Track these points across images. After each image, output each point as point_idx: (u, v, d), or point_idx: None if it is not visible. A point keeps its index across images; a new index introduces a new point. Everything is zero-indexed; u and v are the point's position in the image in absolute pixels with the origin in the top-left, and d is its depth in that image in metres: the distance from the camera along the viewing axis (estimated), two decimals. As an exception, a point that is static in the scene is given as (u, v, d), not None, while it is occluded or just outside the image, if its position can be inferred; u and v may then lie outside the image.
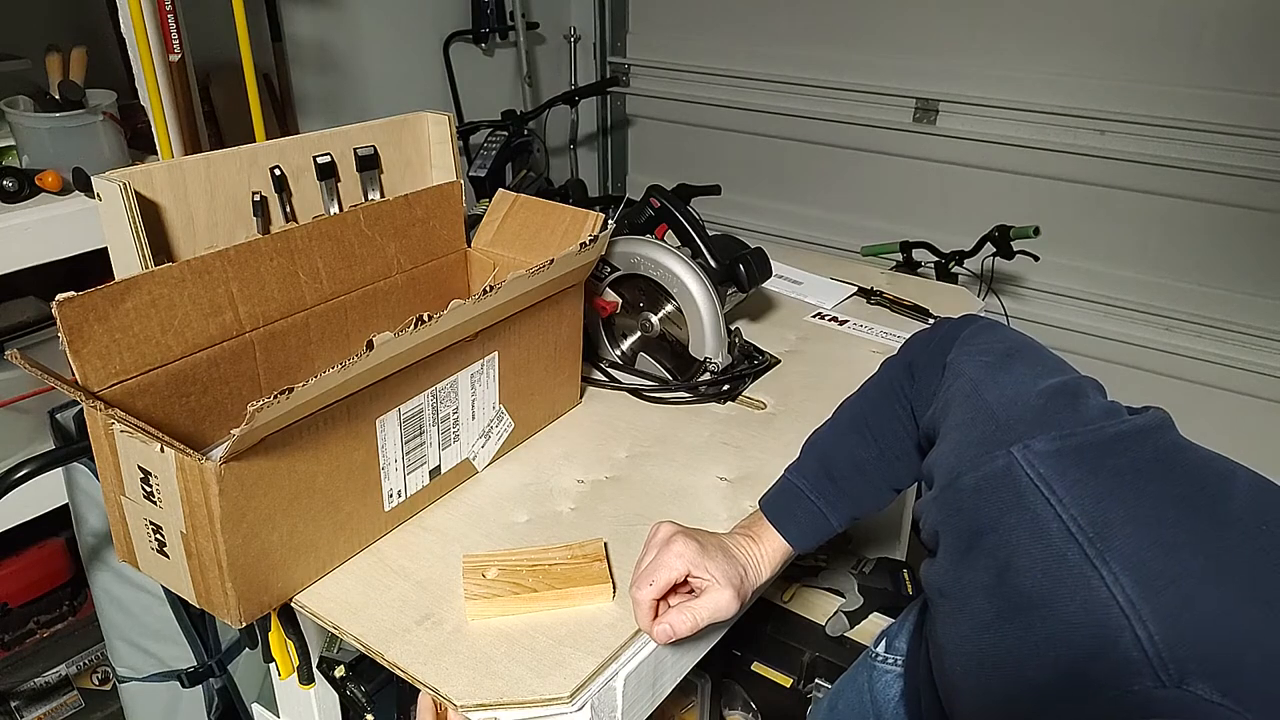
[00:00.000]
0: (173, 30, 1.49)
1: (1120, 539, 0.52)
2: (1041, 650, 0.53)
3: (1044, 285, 2.52)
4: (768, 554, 0.83)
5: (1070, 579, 0.52)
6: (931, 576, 0.64)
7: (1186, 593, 0.50)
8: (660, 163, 3.22)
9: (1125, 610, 0.49)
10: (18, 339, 1.47)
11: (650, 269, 1.17)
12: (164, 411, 0.83)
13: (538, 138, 2.71)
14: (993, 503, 0.58)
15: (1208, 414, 2.34)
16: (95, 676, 1.78)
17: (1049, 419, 0.60)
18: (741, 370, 1.21)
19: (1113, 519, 0.53)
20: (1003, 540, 0.56)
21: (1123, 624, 0.49)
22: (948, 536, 0.62)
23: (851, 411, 0.88)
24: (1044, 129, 2.41)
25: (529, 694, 0.73)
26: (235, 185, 0.97)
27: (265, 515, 0.75)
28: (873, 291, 1.50)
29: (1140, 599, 0.50)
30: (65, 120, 1.38)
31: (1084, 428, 0.58)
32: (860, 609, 1.22)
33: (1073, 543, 0.52)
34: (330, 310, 0.98)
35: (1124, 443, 0.57)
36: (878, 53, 2.60)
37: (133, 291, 0.78)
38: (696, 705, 1.33)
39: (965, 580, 0.59)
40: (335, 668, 1.03)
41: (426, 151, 1.15)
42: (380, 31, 2.51)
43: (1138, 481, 0.55)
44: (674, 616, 0.76)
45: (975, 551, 0.58)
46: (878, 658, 1.00)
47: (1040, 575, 0.53)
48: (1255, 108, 2.13)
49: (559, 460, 1.05)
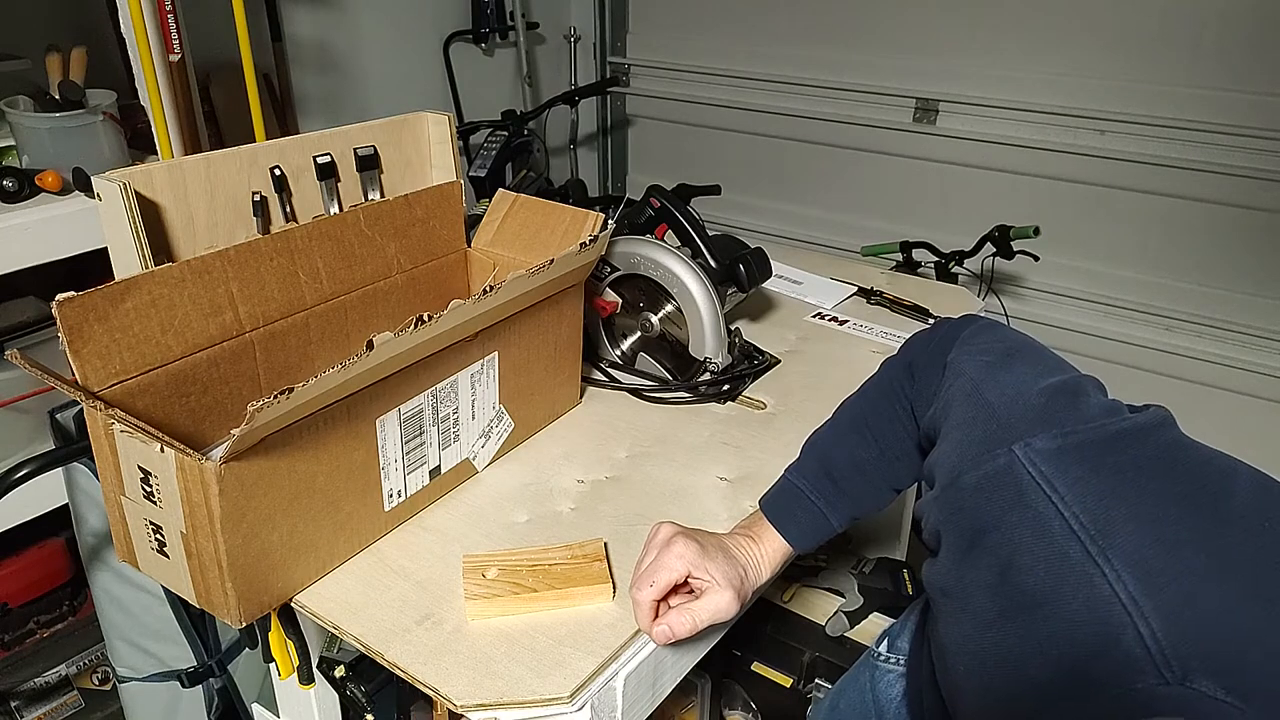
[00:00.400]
0: (173, 30, 1.49)
1: (1122, 537, 0.52)
2: (1044, 648, 0.53)
3: (1044, 285, 2.52)
4: (768, 554, 0.83)
5: (1073, 577, 0.52)
6: (933, 576, 0.64)
7: (1189, 590, 0.50)
8: (660, 163, 3.22)
9: (1128, 608, 0.49)
10: (18, 339, 1.47)
11: (650, 269, 1.17)
12: (164, 411, 0.83)
13: (538, 138, 2.71)
14: (994, 501, 0.58)
15: (1208, 414, 2.34)
16: (95, 676, 1.78)
17: (1050, 417, 0.60)
18: (741, 370, 1.21)
19: (1115, 517, 0.53)
20: (1005, 539, 0.56)
21: (1125, 621, 0.49)
22: (949, 536, 0.62)
23: (852, 412, 0.88)
24: (1044, 129, 2.41)
25: (529, 694, 0.73)
26: (235, 185, 0.97)
27: (265, 515, 0.75)
28: (873, 291, 1.50)
29: (1142, 596, 0.50)
30: (65, 120, 1.38)
31: (1085, 425, 0.58)
32: (860, 609, 1.22)
33: (1075, 541, 0.52)
34: (330, 310, 0.98)
35: (1125, 440, 0.57)
36: (878, 53, 2.60)
37: (133, 291, 0.78)
38: (696, 705, 1.33)
39: (967, 579, 0.59)
40: (335, 668, 1.03)
41: (426, 151, 1.15)
42: (380, 31, 2.51)
43: (1139, 479, 0.55)
44: (673, 618, 0.76)
45: (977, 550, 0.58)
46: (880, 657, 1.00)
47: (1043, 574, 0.53)
48: (1255, 108, 2.13)
49: (559, 460, 1.05)
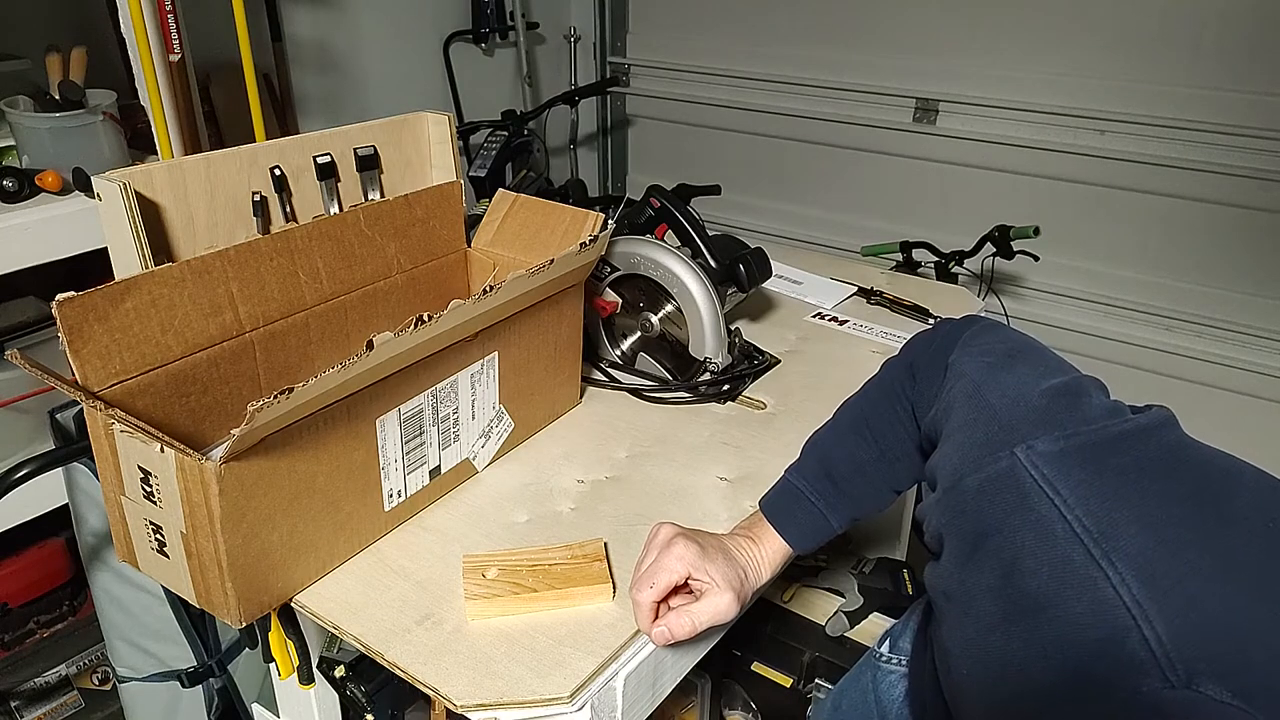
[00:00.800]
0: (173, 30, 1.49)
1: (1126, 539, 0.52)
2: (1048, 652, 0.53)
3: (1044, 285, 2.52)
4: (768, 555, 0.83)
5: (1076, 580, 0.52)
6: (936, 580, 0.64)
7: (1193, 592, 0.50)
8: (660, 163, 3.22)
9: (1132, 611, 0.49)
10: (18, 339, 1.47)
11: (650, 269, 1.17)
12: (164, 411, 0.83)
13: (538, 138, 2.71)
14: (997, 505, 0.57)
15: (1208, 414, 2.34)
16: (95, 676, 1.77)
17: (1052, 419, 0.60)
18: (741, 370, 1.21)
19: (1118, 519, 0.53)
20: (1007, 542, 0.56)
21: (1130, 624, 0.49)
22: (952, 539, 0.62)
23: (852, 413, 0.88)
24: (1044, 129, 2.41)
25: (529, 694, 0.73)
26: (235, 185, 0.97)
27: (265, 515, 0.75)
28: (873, 291, 1.50)
29: (1147, 599, 0.49)
30: (65, 120, 1.38)
31: (1087, 427, 0.58)
32: (860, 609, 1.22)
33: (1078, 544, 0.52)
34: (330, 310, 0.98)
35: (1128, 441, 0.57)
36: (878, 53, 2.60)
37: (133, 291, 0.78)
38: (696, 705, 1.32)
39: (970, 583, 0.59)
40: (335, 668, 1.03)
41: (426, 151, 1.15)
42: (380, 31, 2.51)
43: (1142, 480, 0.54)
44: (673, 620, 0.76)
45: (980, 554, 0.58)
46: (882, 657, 1.00)
47: (1046, 577, 0.53)
48: (1255, 108, 2.13)
49: (559, 460, 1.05)
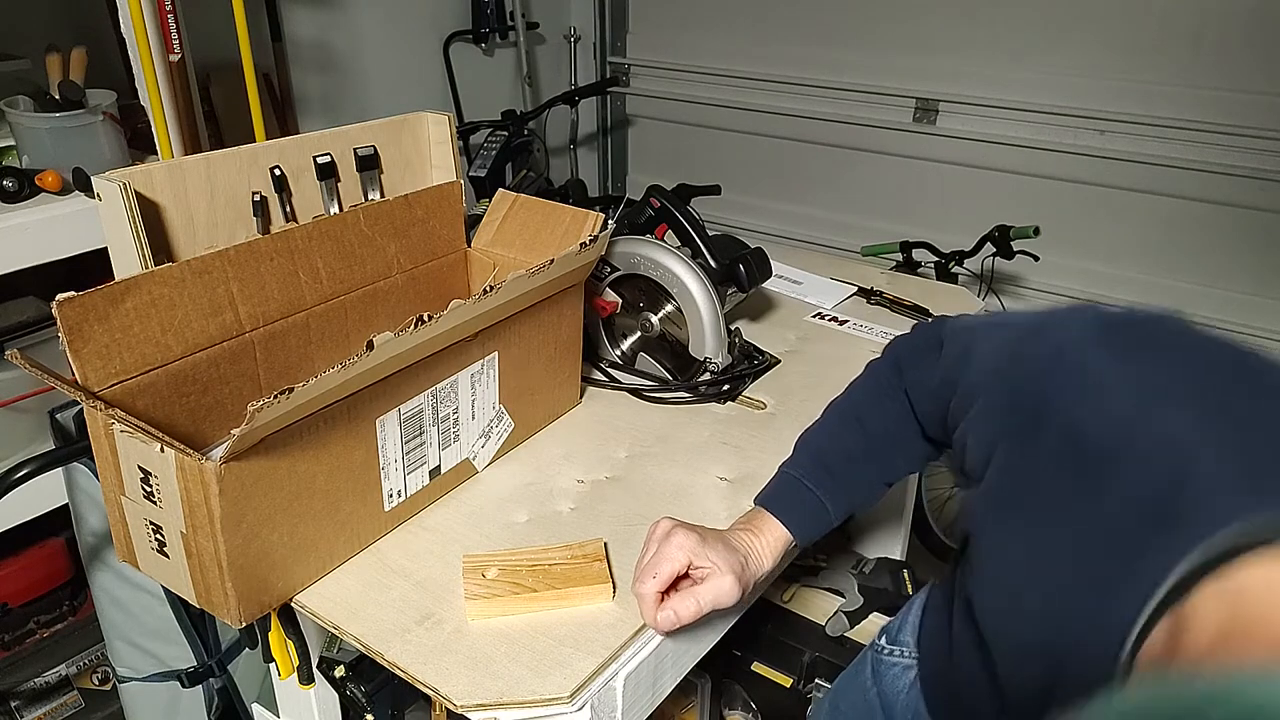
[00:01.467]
0: (173, 30, 1.49)
1: (1179, 384, 0.55)
2: (1125, 493, 0.54)
3: (1044, 285, 2.52)
4: (768, 544, 0.83)
5: (1139, 428, 0.55)
6: (990, 488, 0.65)
7: (1244, 415, 0.53)
8: (660, 163, 3.22)
9: (1194, 438, 0.52)
10: (18, 339, 1.47)
11: (650, 269, 1.17)
12: (164, 411, 0.83)
13: (538, 138, 2.71)
14: (1054, 377, 0.61)
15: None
16: (95, 676, 1.77)
17: (1083, 309, 0.64)
18: (741, 370, 1.21)
19: (1169, 375, 0.57)
20: (1068, 411, 0.59)
21: (1195, 448, 0.52)
22: (1009, 434, 0.63)
23: (840, 410, 0.91)
24: (1044, 129, 2.41)
25: (529, 694, 0.73)
26: (235, 185, 0.97)
27: (265, 515, 0.75)
28: (873, 291, 1.50)
29: (1206, 428, 0.52)
30: (65, 120, 1.38)
31: (1119, 310, 0.63)
32: (860, 609, 1.22)
33: (1133, 397, 0.56)
34: (330, 310, 0.98)
35: (1162, 317, 0.62)
36: (878, 53, 2.60)
37: (133, 291, 0.78)
38: (696, 705, 1.33)
39: (1037, 464, 0.61)
40: (335, 668, 1.03)
41: (426, 151, 1.15)
42: (380, 31, 2.51)
43: (1182, 340, 0.59)
44: (677, 601, 0.76)
45: (1043, 430, 0.60)
46: (883, 650, 1.00)
47: (1111, 432, 0.56)
48: (1255, 108, 2.13)
49: (559, 460, 1.05)
